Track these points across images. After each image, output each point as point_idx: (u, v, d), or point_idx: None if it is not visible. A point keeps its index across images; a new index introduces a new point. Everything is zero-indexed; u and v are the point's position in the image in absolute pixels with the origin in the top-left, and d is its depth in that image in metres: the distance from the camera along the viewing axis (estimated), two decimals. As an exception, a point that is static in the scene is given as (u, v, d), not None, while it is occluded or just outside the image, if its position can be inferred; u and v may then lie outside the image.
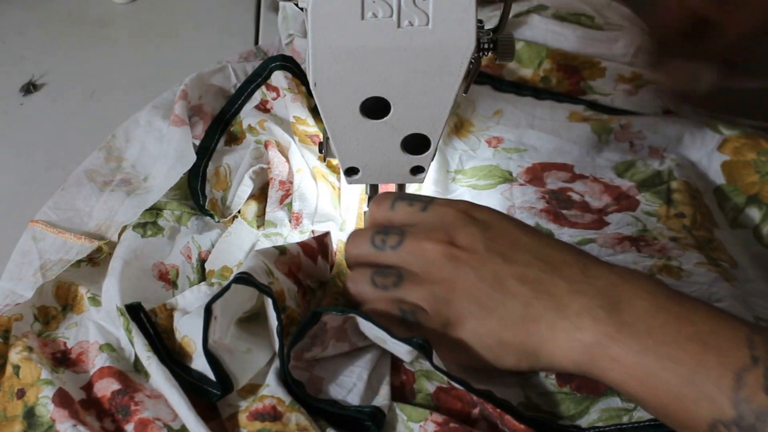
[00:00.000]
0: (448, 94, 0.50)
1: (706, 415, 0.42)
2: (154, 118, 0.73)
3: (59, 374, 0.53)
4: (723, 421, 0.42)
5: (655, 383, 0.44)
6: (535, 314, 0.48)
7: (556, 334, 0.47)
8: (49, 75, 0.83)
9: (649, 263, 0.60)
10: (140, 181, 0.69)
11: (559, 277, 0.48)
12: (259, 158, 0.69)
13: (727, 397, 0.42)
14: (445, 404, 0.52)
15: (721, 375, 0.42)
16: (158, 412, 0.50)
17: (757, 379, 0.41)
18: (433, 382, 0.53)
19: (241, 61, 0.82)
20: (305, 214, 0.65)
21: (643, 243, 0.62)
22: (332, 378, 0.53)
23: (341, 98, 0.50)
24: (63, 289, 0.59)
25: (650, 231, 0.64)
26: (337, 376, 0.53)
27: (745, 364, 0.42)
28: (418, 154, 0.55)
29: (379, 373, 0.53)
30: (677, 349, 0.44)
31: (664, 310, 0.46)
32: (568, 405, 0.51)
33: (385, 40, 0.46)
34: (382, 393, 0.51)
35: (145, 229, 0.62)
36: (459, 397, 0.52)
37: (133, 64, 0.86)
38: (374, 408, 0.50)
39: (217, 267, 0.61)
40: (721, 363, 0.43)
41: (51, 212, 0.65)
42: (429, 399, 0.52)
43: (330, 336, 0.52)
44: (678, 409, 0.44)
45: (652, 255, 0.61)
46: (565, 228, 0.64)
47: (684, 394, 0.43)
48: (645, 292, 0.47)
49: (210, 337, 0.50)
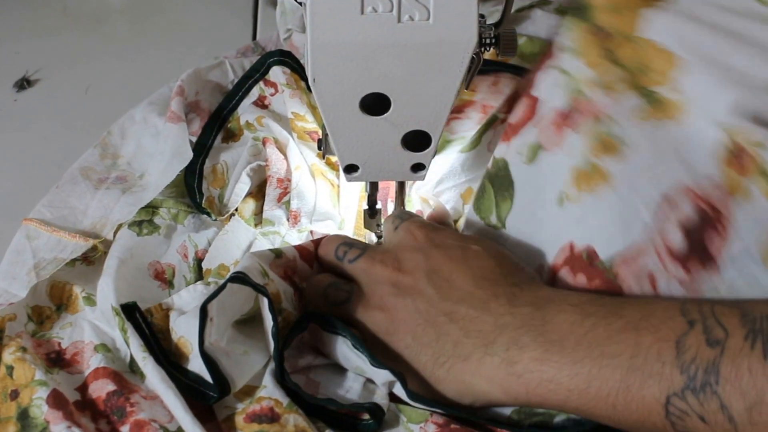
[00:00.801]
0: (449, 90, 0.50)
1: (657, 394, 0.41)
2: (150, 115, 0.73)
3: (53, 375, 0.53)
4: (675, 391, 0.41)
5: (597, 386, 0.43)
6: (465, 353, 0.48)
7: (487, 371, 0.47)
8: (43, 71, 0.83)
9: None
10: (136, 178, 0.69)
11: (487, 313, 0.48)
12: (256, 155, 0.69)
13: (672, 365, 0.41)
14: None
15: (661, 349, 0.41)
16: (154, 414, 0.50)
17: (697, 337, 0.41)
18: None
19: (239, 56, 0.82)
20: (303, 213, 0.65)
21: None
22: (329, 381, 0.53)
23: (340, 94, 0.50)
24: (57, 289, 0.59)
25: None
26: (334, 378, 0.53)
27: (682, 330, 0.42)
28: (419, 151, 0.54)
29: None
30: (611, 344, 0.43)
31: (591, 315, 0.45)
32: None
33: (385, 35, 0.46)
34: (379, 393, 0.51)
35: (141, 227, 0.62)
36: None
37: (128, 60, 0.85)
38: (373, 404, 0.50)
39: (214, 266, 0.61)
40: (658, 339, 0.42)
41: (45, 210, 0.64)
42: None
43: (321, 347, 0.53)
44: (627, 402, 0.42)
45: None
46: (512, 140, 0.58)
47: (629, 384, 0.42)
48: (569, 305, 0.46)
49: (206, 338, 0.50)
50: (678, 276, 0.46)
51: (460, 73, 0.49)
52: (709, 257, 0.46)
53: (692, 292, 0.46)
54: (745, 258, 0.45)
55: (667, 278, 0.47)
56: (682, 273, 0.46)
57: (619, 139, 0.50)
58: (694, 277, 0.46)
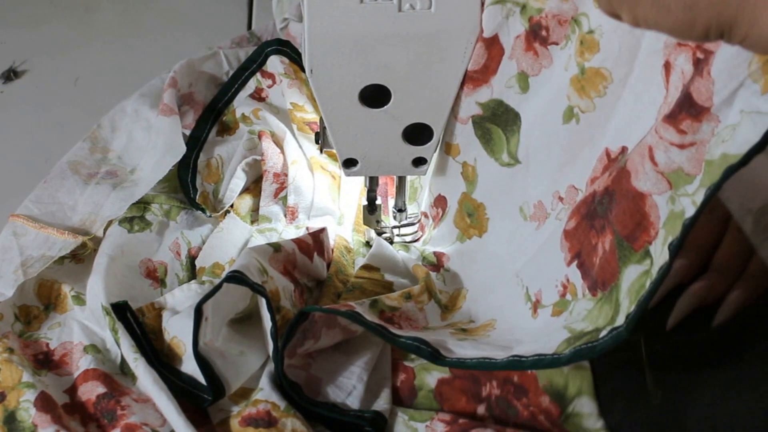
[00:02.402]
0: (451, 81, 0.50)
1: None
2: (141, 107, 0.73)
3: (41, 377, 0.53)
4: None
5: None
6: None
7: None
8: (31, 61, 0.83)
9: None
10: (127, 173, 0.68)
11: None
12: (252, 149, 0.69)
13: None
14: (449, 399, 0.52)
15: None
16: (146, 417, 0.50)
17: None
18: (434, 374, 0.53)
19: (233, 46, 0.82)
20: (301, 208, 0.65)
21: None
22: (331, 379, 0.52)
23: (339, 86, 0.49)
24: (45, 288, 0.59)
25: None
26: (336, 377, 0.52)
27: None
28: (421, 144, 0.54)
29: (380, 375, 0.53)
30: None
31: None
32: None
33: (385, 24, 0.46)
34: (383, 396, 0.51)
35: (132, 224, 0.62)
36: (463, 390, 0.52)
37: (119, 50, 0.85)
38: (375, 413, 0.49)
39: (208, 264, 0.61)
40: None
41: (33, 206, 0.64)
42: (431, 396, 0.52)
43: (320, 325, 0.52)
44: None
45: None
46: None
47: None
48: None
49: (201, 339, 0.50)
50: (671, 139, 0.45)
51: (463, 64, 0.49)
52: (700, 109, 0.43)
53: (691, 149, 0.44)
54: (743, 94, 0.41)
55: (664, 147, 0.45)
56: (675, 134, 0.45)
57: (599, 32, 0.49)
58: (690, 134, 0.44)
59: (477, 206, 0.59)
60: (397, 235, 0.66)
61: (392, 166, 0.57)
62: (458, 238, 0.62)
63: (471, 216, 0.60)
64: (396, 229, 0.66)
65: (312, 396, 0.51)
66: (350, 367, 0.53)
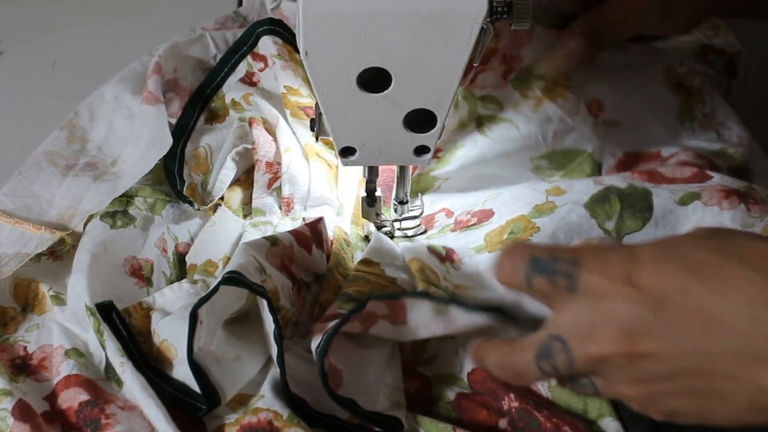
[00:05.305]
0: (456, 64, 0.49)
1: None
2: (121, 93, 0.72)
3: (19, 384, 0.52)
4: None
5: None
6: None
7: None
8: (6, 43, 0.83)
9: (760, 226, 0.58)
10: (107, 165, 0.68)
11: None
12: (243, 138, 0.68)
13: None
14: (468, 413, 0.52)
15: None
16: (132, 426, 0.49)
17: None
18: (453, 388, 0.53)
19: (218, 27, 0.81)
20: (297, 199, 0.65)
21: (752, 201, 0.60)
22: (351, 372, 0.51)
23: (336, 69, 0.49)
24: (22, 287, 0.59)
25: (758, 191, 0.61)
26: (355, 371, 0.52)
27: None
28: (423, 131, 0.54)
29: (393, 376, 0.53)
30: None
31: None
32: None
33: (385, 3, 0.46)
34: (398, 401, 0.51)
35: (115, 219, 0.62)
36: (483, 404, 0.52)
37: (98, 31, 0.85)
38: (391, 417, 0.50)
39: (200, 261, 0.60)
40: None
41: (7, 199, 0.64)
42: (449, 407, 0.52)
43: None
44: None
45: (762, 216, 0.58)
46: (663, 185, 0.62)
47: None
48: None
49: (195, 344, 0.49)
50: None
51: (469, 46, 0.48)
52: None
53: None
54: None
55: None
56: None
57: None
58: None
59: (528, 227, 0.60)
60: (398, 228, 0.65)
61: (392, 154, 0.56)
62: (476, 249, 0.61)
63: (511, 234, 0.60)
64: (397, 223, 0.65)
65: (335, 389, 0.50)
66: (367, 362, 0.53)
